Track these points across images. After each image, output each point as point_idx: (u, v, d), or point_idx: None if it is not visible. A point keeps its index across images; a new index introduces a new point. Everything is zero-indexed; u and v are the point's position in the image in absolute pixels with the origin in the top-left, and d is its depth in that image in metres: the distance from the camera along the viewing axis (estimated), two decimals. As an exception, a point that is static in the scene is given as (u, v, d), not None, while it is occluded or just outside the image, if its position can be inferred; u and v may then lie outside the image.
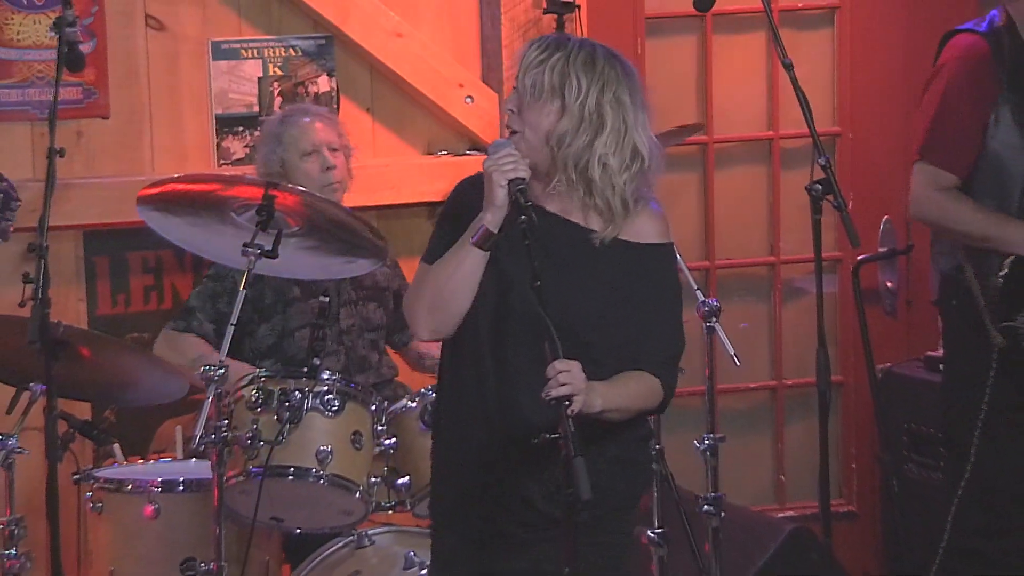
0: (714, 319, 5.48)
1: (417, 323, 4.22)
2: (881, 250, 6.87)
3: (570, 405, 3.85)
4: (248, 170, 6.21)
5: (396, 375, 5.95)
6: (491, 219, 4.07)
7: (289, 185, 5.30)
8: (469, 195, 4.20)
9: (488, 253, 4.10)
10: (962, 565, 5.73)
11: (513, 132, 4.16)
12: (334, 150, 5.85)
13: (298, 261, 5.31)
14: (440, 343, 4.35)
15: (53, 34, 4.99)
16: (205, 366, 4.99)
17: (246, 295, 5.49)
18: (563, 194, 4.16)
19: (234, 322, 5.04)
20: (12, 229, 4.93)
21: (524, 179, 4.04)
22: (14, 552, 5.18)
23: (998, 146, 5.53)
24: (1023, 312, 5.52)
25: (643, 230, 4.18)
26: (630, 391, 4.12)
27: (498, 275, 4.14)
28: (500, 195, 4.04)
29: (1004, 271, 5.52)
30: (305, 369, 5.22)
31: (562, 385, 3.86)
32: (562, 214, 4.18)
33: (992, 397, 5.56)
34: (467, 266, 4.11)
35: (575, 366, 3.89)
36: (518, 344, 4.14)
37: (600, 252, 4.15)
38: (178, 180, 5.46)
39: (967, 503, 5.65)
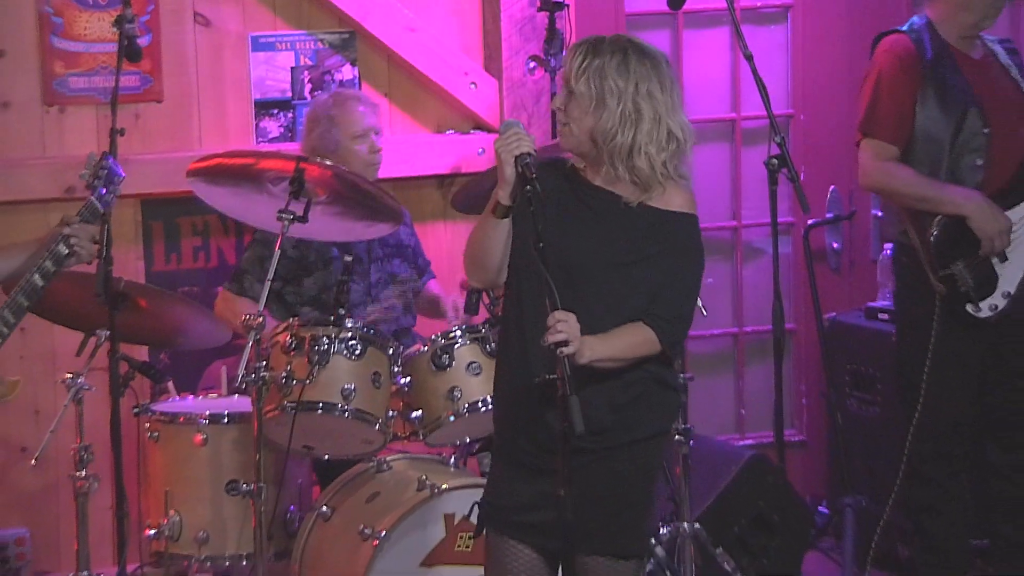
0: (684, 275, 5.47)
1: (468, 274, 4.29)
2: (828, 216, 6.87)
3: (566, 349, 3.86)
4: (283, 147, 6.21)
5: (414, 325, 5.95)
6: (502, 193, 4.04)
7: (317, 160, 5.31)
8: (544, 174, 4.15)
9: (507, 220, 4.07)
10: (918, 490, 5.78)
11: (564, 125, 4.14)
12: (377, 134, 5.83)
13: (326, 225, 5.31)
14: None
15: (115, 29, 4.98)
16: (248, 315, 5.02)
17: (293, 254, 5.53)
18: (610, 174, 4.13)
19: (271, 278, 5.05)
20: (115, 200, 4.85)
21: (529, 153, 4.01)
22: (83, 474, 5.21)
23: (926, 120, 5.61)
24: (956, 263, 5.58)
25: (670, 201, 4.14)
26: (622, 343, 4.05)
27: (519, 240, 4.13)
28: (508, 171, 4.01)
29: (935, 229, 5.58)
30: (332, 318, 5.24)
31: (559, 333, 3.87)
32: (605, 185, 4.15)
33: (937, 339, 5.61)
34: (491, 232, 4.09)
35: (571, 317, 3.88)
36: (532, 297, 4.11)
37: (629, 213, 4.10)
38: (222, 155, 5.47)
39: (920, 434, 5.70)
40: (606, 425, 4.09)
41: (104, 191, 4.64)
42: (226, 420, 5.41)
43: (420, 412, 5.28)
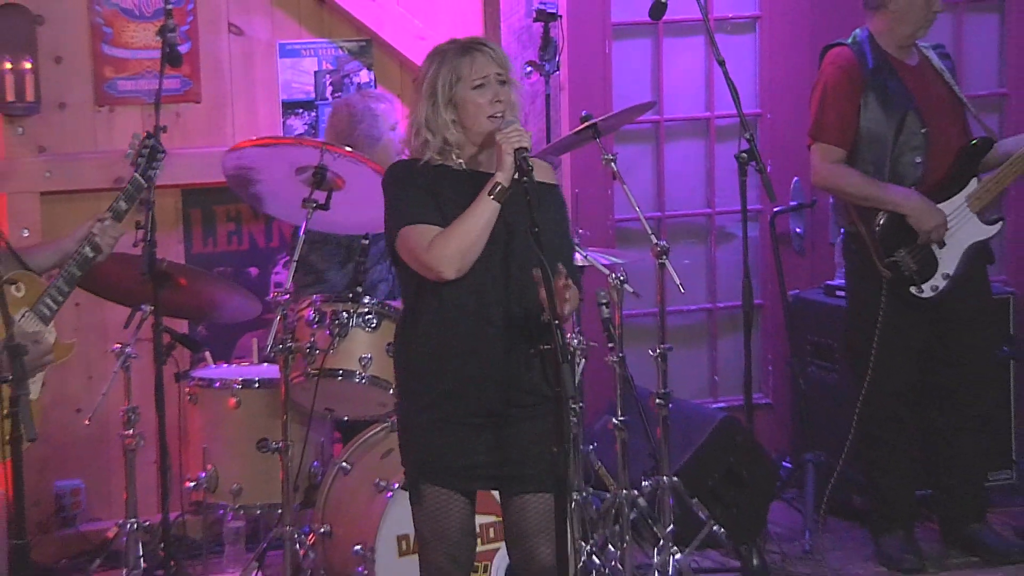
0: (664, 257, 5.40)
1: (445, 266, 4.03)
2: (792, 204, 6.86)
3: (566, 320, 3.82)
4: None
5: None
6: (503, 177, 4.02)
7: (335, 151, 5.30)
8: (409, 170, 4.19)
9: (500, 205, 4.05)
10: (870, 450, 5.85)
11: (502, 116, 4.12)
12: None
13: (344, 214, 5.30)
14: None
15: (158, 38, 5.01)
16: (276, 291, 5.05)
17: (344, 242, 5.54)
18: (493, 157, 4.13)
19: (296, 258, 5.05)
20: (156, 176, 4.93)
21: (527, 148, 4.01)
22: (131, 432, 5.23)
23: (870, 124, 5.68)
24: (899, 250, 5.64)
25: (541, 175, 4.15)
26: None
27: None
28: (508, 161, 4.01)
29: (881, 222, 5.64)
30: (351, 295, 5.26)
31: (566, 302, 3.83)
32: (488, 170, 4.13)
33: (884, 320, 5.66)
34: (487, 215, 4.03)
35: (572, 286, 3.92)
36: (490, 268, 4.11)
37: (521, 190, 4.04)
38: (254, 141, 5.46)
39: (870, 401, 5.75)
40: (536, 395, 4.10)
41: (147, 169, 4.79)
42: (257, 385, 5.46)
43: (429, 378, 5.30)
